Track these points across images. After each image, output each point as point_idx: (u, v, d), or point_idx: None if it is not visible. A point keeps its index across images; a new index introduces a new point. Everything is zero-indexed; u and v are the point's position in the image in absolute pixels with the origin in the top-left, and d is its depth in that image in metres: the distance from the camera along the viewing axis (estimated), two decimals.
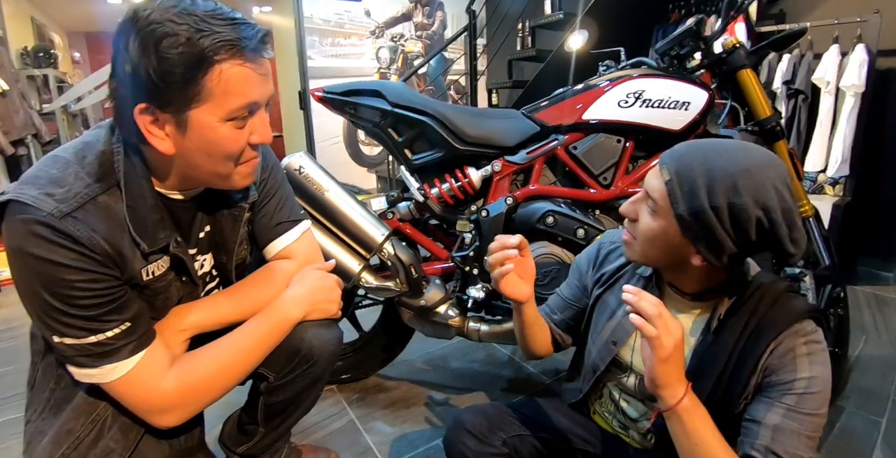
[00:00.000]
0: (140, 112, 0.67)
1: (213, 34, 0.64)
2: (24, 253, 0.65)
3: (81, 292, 0.68)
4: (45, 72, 4.29)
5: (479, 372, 1.75)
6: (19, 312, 2.66)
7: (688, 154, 0.72)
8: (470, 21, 3.86)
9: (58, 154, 0.74)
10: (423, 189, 1.35)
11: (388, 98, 1.36)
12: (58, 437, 0.79)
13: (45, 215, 0.65)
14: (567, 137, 1.35)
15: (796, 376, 0.70)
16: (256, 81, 0.70)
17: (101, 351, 0.71)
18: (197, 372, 0.80)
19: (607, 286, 0.94)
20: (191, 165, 0.74)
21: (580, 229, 1.26)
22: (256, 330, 0.86)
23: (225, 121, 0.70)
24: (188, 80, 0.65)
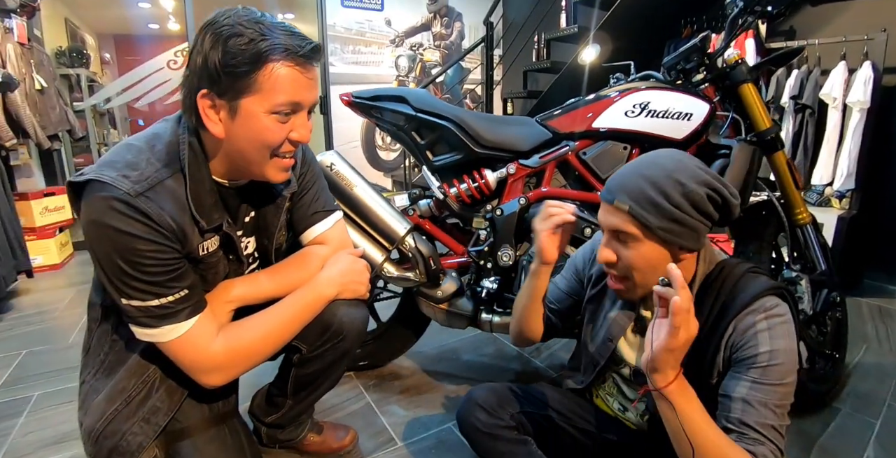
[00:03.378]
0: (201, 97, 0.79)
1: (273, 39, 0.77)
2: (104, 225, 0.76)
3: (150, 260, 0.78)
4: (77, 71, 4.47)
5: (488, 365, 1.84)
6: (50, 297, 2.81)
7: (625, 180, 0.81)
8: (487, 32, 3.98)
9: (131, 142, 0.85)
10: (443, 188, 1.45)
11: (411, 103, 1.47)
12: (111, 395, 0.90)
13: (122, 194, 0.76)
14: (577, 143, 1.44)
15: (758, 351, 0.76)
16: (302, 83, 0.81)
17: (162, 313, 0.81)
18: (243, 338, 0.90)
19: (600, 287, 1.01)
20: (236, 150, 0.84)
21: (587, 228, 1.36)
22: (294, 304, 0.97)
23: (269, 113, 0.80)
24: (244, 73, 0.76)
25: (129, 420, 0.89)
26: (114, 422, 0.88)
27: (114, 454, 0.89)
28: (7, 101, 2.78)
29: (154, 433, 0.91)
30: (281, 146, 0.84)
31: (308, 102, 0.84)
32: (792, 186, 1.49)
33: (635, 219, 0.78)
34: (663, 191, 0.77)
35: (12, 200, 2.80)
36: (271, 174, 0.88)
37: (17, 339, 2.23)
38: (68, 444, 1.44)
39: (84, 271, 3.30)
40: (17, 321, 2.44)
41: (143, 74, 4.11)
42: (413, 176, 4.05)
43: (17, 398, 1.70)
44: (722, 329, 0.81)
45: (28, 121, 2.89)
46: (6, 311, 2.57)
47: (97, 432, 0.88)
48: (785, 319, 0.79)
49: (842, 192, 2.71)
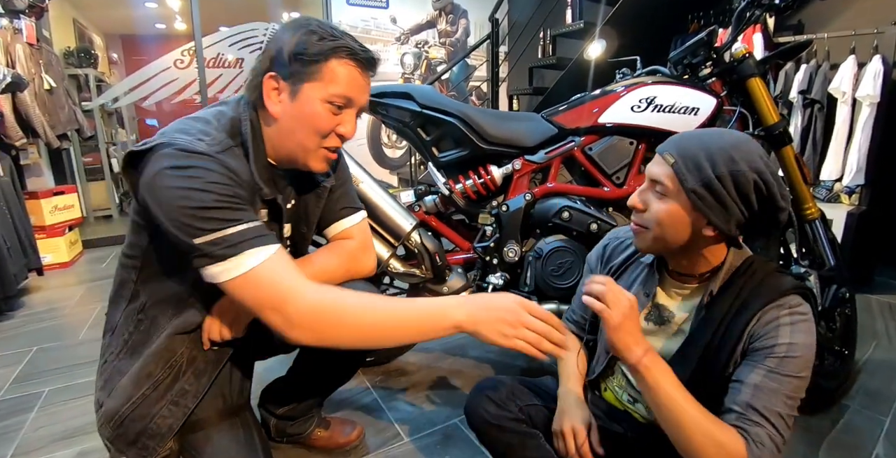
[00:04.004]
0: (268, 78, 0.86)
1: (342, 41, 0.86)
2: (177, 167, 0.77)
3: (225, 189, 0.78)
4: (86, 71, 4.52)
5: (494, 361, 1.84)
6: (60, 294, 2.84)
7: (684, 139, 0.83)
8: (493, 29, 3.96)
9: (197, 116, 0.90)
10: (449, 184, 1.45)
11: (417, 100, 1.47)
12: (138, 379, 0.90)
13: (199, 149, 0.79)
14: (583, 138, 1.44)
15: (778, 342, 0.77)
16: (358, 83, 0.88)
17: (241, 239, 0.77)
18: (342, 300, 0.80)
19: (616, 278, 1.02)
20: (288, 131, 0.89)
21: (594, 224, 1.35)
22: (413, 305, 0.82)
23: (324, 101, 0.86)
24: (312, 61, 0.84)
25: (157, 404, 0.90)
26: (142, 406, 0.89)
27: (142, 438, 0.90)
28: (17, 100, 2.81)
29: (183, 415, 0.92)
30: (328, 137, 0.89)
31: (359, 101, 0.90)
32: (800, 181, 1.48)
33: (675, 174, 0.80)
34: (712, 159, 0.78)
35: (22, 199, 2.83)
36: (314, 163, 0.92)
37: (27, 336, 2.25)
38: (78, 438, 1.45)
39: (93, 269, 3.33)
40: (28, 319, 2.47)
41: (150, 74, 4.14)
42: (419, 173, 4.05)
43: (28, 394, 1.72)
44: (745, 320, 0.81)
45: (37, 120, 2.92)
46: (17, 308, 2.61)
47: (123, 415, 0.89)
48: (807, 318, 0.80)
49: (851, 187, 2.68)
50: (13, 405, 1.67)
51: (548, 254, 1.37)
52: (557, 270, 1.37)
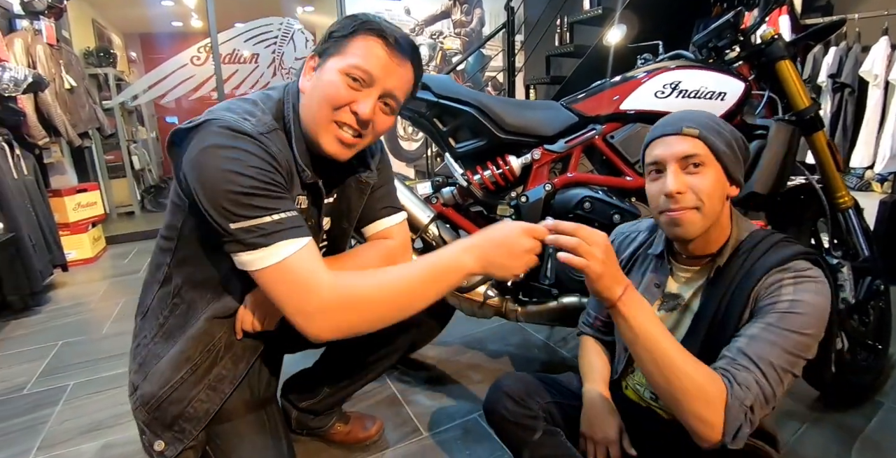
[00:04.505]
0: (310, 58, 0.90)
1: (376, 22, 0.86)
2: (220, 146, 0.77)
3: (265, 176, 0.79)
4: (105, 70, 4.58)
5: (514, 355, 1.82)
6: (84, 290, 2.89)
7: (684, 115, 0.87)
8: (508, 18, 3.90)
9: (245, 97, 0.91)
10: (467, 175, 1.42)
11: (433, 90, 1.44)
12: (177, 363, 0.90)
13: (244, 128, 0.80)
14: (604, 126, 1.40)
15: (779, 299, 0.76)
16: (382, 60, 0.84)
17: (275, 229, 0.77)
18: (357, 284, 0.78)
19: (627, 271, 1.01)
20: (308, 102, 0.88)
21: (616, 215, 1.32)
22: (423, 266, 0.80)
23: (342, 72, 0.84)
24: (340, 37, 0.85)
25: (195, 387, 0.90)
26: (180, 390, 0.89)
27: (179, 421, 0.90)
28: (39, 100, 2.85)
29: (220, 400, 0.92)
30: (340, 110, 0.85)
31: (381, 81, 0.85)
32: (833, 168, 1.42)
33: (705, 142, 0.83)
34: (718, 123, 0.86)
35: (47, 196, 2.89)
36: (325, 139, 0.87)
37: (53, 330, 2.30)
38: (103, 431, 1.47)
39: (116, 265, 3.39)
40: (54, 314, 2.52)
41: (167, 71, 4.18)
42: (435, 166, 4.02)
43: (54, 388, 1.76)
44: (749, 286, 0.81)
45: (59, 119, 2.96)
46: (43, 304, 2.66)
47: (160, 399, 0.89)
48: (816, 280, 0.78)
49: (883, 175, 2.59)
50: (39, 398, 1.70)
51: None
52: None
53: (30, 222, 2.56)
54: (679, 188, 0.83)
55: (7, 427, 1.55)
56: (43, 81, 2.65)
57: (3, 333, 2.33)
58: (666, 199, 0.84)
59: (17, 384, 1.82)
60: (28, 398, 1.72)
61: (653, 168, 0.88)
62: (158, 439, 0.90)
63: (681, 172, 0.84)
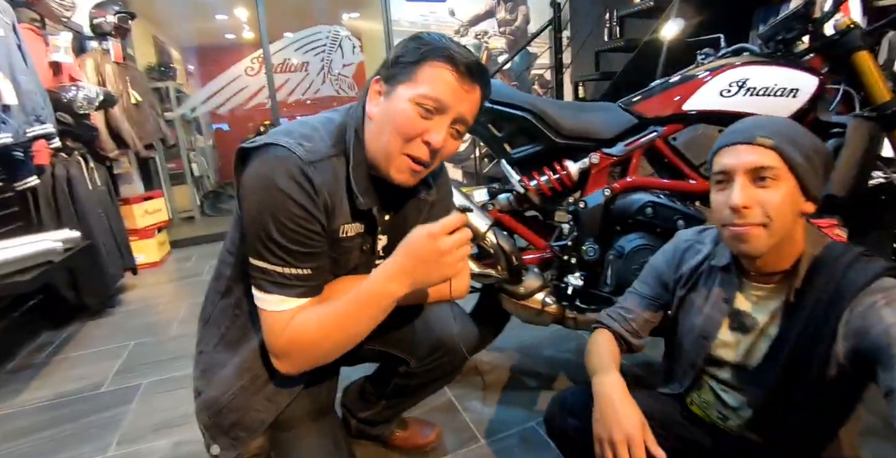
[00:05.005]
0: (374, 82, 0.88)
1: (445, 47, 0.83)
2: (270, 182, 0.81)
3: (295, 225, 0.82)
4: (166, 83, 4.83)
5: (570, 361, 1.78)
6: (152, 292, 3.06)
7: (759, 123, 0.80)
8: (555, 14, 3.84)
9: (305, 121, 0.93)
10: (524, 182, 1.41)
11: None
12: (239, 371, 0.93)
13: (296, 158, 0.82)
14: (666, 128, 1.35)
15: (888, 326, 0.68)
16: (453, 88, 0.83)
17: (281, 282, 0.84)
18: (303, 330, 0.85)
19: (690, 287, 0.95)
20: (377, 131, 0.88)
21: (680, 220, 1.26)
22: (354, 301, 0.85)
23: (413, 102, 0.83)
24: (409, 63, 0.84)
25: (254, 397, 0.93)
26: (240, 397, 0.92)
27: (236, 428, 0.93)
28: (109, 116, 3.04)
29: (276, 411, 0.94)
30: (412, 142, 0.85)
31: (453, 108, 0.84)
32: None
33: (779, 154, 0.77)
34: (798, 131, 0.79)
35: (117, 205, 3.07)
36: (394, 170, 0.87)
37: (126, 331, 2.45)
38: (173, 430, 1.55)
39: (181, 268, 3.56)
40: (126, 315, 2.69)
41: (223, 83, 4.37)
42: (483, 167, 4.01)
43: (128, 387, 1.87)
44: (836, 315, 0.74)
45: (127, 133, 3.14)
46: (116, 305, 2.84)
47: (222, 404, 0.93)
48: None
49: None
50: (116, 396, 1.81)
51: (630, 252, 1.29)
52: (640, 268, 1.29)
53: (103, 230, 2.73)
54: (745, 203, 0.77)
55: (89, 423, 1.66)
56: (112, 98, 2.82)
57: (82, 332, 2.50)
58: (731, 212, 0.78)
59: (95, 382, 1.94)
60: (105, 395, 1.83)
61: (719, 177, 0.82)
62: (215, 443, 0.93)
63: (749, 184, 0.78)
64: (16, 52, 2.07)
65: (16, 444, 1.58)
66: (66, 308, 2.62)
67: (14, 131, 1.93)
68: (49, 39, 2.55)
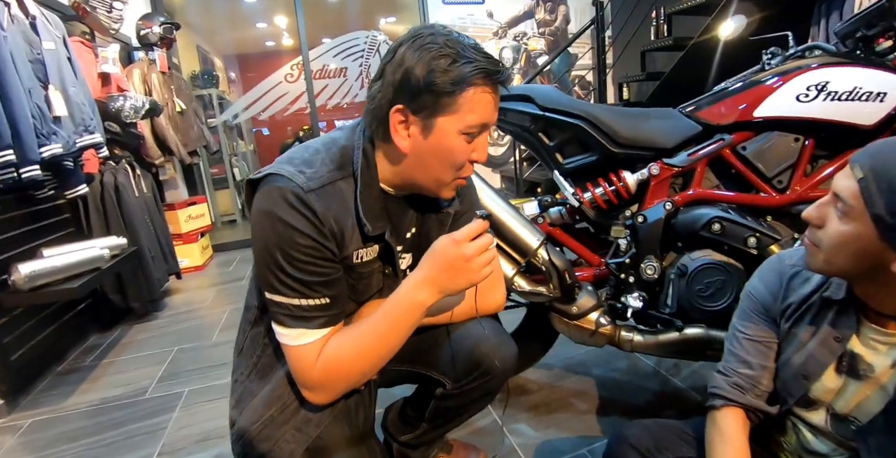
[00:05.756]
0: (395, 111, 0.80)
1: (475, 62, 0.77)
2: (272, 215, 0.78)
3: (305, 257, 0.79)
4: (209, 91, 4.95)
5: (621, 382, 1.69)
6: (196, 296, 3.10)
7: (884, 150, 0.65)
8: (597, 13, 3.73)
9: (309, 144, 0.89)
10: (578, 195, 1.32)
11: (537, 102, 1.35)
12: (269, 400, 0.90)
13: (294, 186, 0.78)
14: (734, 136, 1.24)
15: None
16: (493, 107, 0.81)
17: (299, 314, 0.81)
18: (339, 359, 0.84)
19: (795, 319, 0.83)
20: (421, 166, 0.84)
21: (751, 238, 1.16)
22: (385, 316, 0.84)
23: (461, 133, 0.80)
24: (448, 93, 0.77)
25: (282, 427, 0.89)
26: (269, 427, 0.89)
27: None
28: (154, 124, 3.11)
29: (305, 442, 0.90)
30: (463, 167, 0.84)
31: (492, 123, 0.85)
32: None
33: (861, 193, 0.64)
34: None
35: (162, 211, 3.14)
36: (446, 193, 0.88)
37: (170, 336, 2.49)
38: (214, 442, 1.54)
39: (223, 272, 3.62)
40: (171, 319, 2.73)
41: (263, 90, 4.43)
42: (524, 171, 3.91)
43: (171, 394, 1.89)
44: None
45: (172, 140, 3.21)
46: (161, 309, 2.90)
47: (251, 434, 0.90)
48: None
49: None
50: (159, 403, 1.83)
51: (694, 271, 1.19)
52: (705, 289, 1.19)
53: (149, 236, 2.79)
54: (809, 217, 0.72)
55: (133, 430, 1.68)
56: (158, 107, 2.88)
57: (129, 336, 2.56)
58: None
59: (140, 387, 1.97)
60: (149, 402, 1.85)
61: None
62: None
63: (829, 204, 0.69)
64: (66, 65, 2.12)
65: (61, 450, 1.61)
66: (114, 311, 2.69)
67: (64, 142, 1.97)
68: (98, 51, 2.62)
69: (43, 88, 1.95)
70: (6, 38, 1.73)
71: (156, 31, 3.14)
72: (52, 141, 1.90)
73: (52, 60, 2.02)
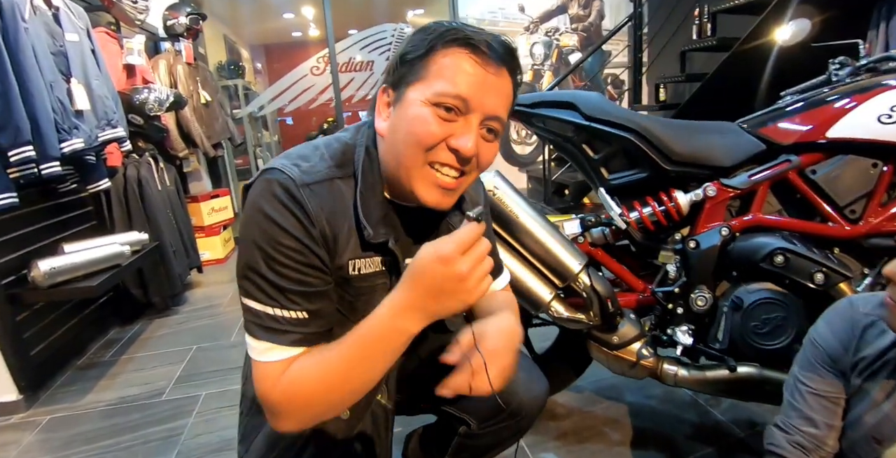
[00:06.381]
0: (381, 92, 0.74)
1: (455, 28, 0.68)
2: (257, 208, 0.69)
3: (287, 259, 0.68)
4: (235, 82, 4.92)
5: (656, 411, 1.58)
6: (216, 291, 3.08)
7: None
8: (635, 9, 3.58)
9: (310, 142, 0.80)
10: (625, 216, 1.21)
11: (582, 110, 1.24)
12: (271, 440, 0.84)
13: (286, 178, 0.69)
14: (803, 158, 1.12)
15: None
16: (476, 77, 0.67)
17: (271, 326, 0.69)
18: (302, 383, 0.71)
19: (869, 374, 0.74)
20: (390, 147, 0.73)
21: (818, 274, 1.04)
22: (356, 345, 0.69)
23: (429, 103, 0.67)
24: (416, 58, 0.68)
25: None
26: None
27: None
28: (179, 116, 3.08)
29: None
30: (435, 149, 0.69)
31: (479, 103, 0.67)
32: None
33: None
34: None
35: (185, 204, 3.11)
36: (420, 188, 0.71)
37: (189, 333, 2.47)
38: (230, 454, 1.49)
39: None
40: (190, 315, 2.72)
41: (289, 82, 4.39)
42: (552, 173, 3.78)
43: (189, 397, 1.86)
44: None
45: (196, 133, 3.18)
46: (181, 303, 2.88)
47: None
48: None
49: None
50: (176, 406, 1.80)
51: (751, 306, 1.09)
52: (762, 326, 1.09)
53: (171, 230, 2.77)
54: (892, 274, 0.63)
55: (149, 434, 1.65)
56: (182, 100, 2.84)
57: (148, 331, 2.55)
58: None
59: (158, 388, 1.95)
60: (166, 404, 1.83)
61: None
62: None
63: None
64: (90, 57, 2.08)
65: (78, 451, 1.59)
66: (135, 305, 2.69)
67: (86, 136, 1.93)
68: (123, 42, 2.58)
69: (65, 81, 1.91)
70: (27, 31, 1.68)
71: (182, 21, 3.10)
72: (74, 136, 1.86)
73: (76, 53, 1.98)
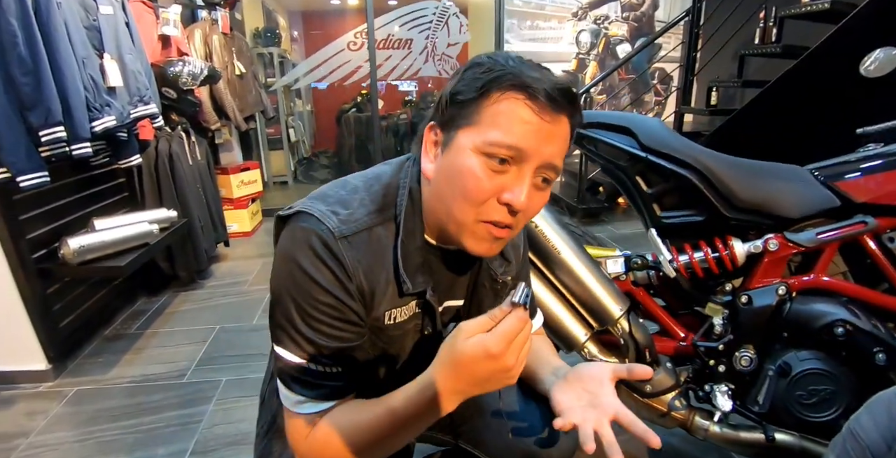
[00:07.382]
0: (428, 129, 0.69)
1: (513, 70, 0.62)
2: (293, 260, 0.66)
3: (320, 314, 0.66)
4: (271, 50, 4.83)
5: (678, 451, 1.53)
6: (242, 267, 3.09)
7: None
8: (694, 4, 3.37)
9: (348, 180, 0.76)
10: (676, 262, 1.13)
11: (640, 139, 1.15)
12: None
13: (324, 230, 0.66)
14: (881, 221, 1.02)
15: None
16: (532, 126, 0.61)
17: (304, 379, 0.69)
18: (328, 444, 0.70)
19: None
20: (437, 195, 0.69)
21: (881, 354, 0.96)
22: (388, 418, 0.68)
23: (479, 152, 0.62)
24: (468, 101, 0.63)
25: None
26: None
27: None
28: (213, 88, 3.04)
29: None
30: (486, 205, 0.64)
31: (535, 154, 0.62)
32: None
33: None
34: None
35: (215, 177, 3.11)
36: (470, 242, 0.68)
37: (213, 311, 2.50)
38: (247, 447, 1.51)
39: (270, 241, 3.61)
40: (215, 291, 2.75)
41: (325, 56, 4.30)
42: (589, 171, 3.66)
43: (209, 381, 1.89)
44: None
45: (229, 106, 3.14)
46: (206, 278, 2.92)
47: None
48: None
49: None
50: (197, 390, 1.84)
51: (799, 375, 1.01)
52: (809, 397, 1.02)
53: (200, 205, 2.77)
54: None
55: (169, 419, 1.69)
56: (217, 74, 2.79)
57: (174, 305, 2.59)
58: None
59: (180, 368, 1.99)
60: (188, 387, 1.86)
61: None
62: None
63: None
64: (123, 31, 2.02)
65: (99, 429, 1.63)
66: (163, 277, 2.73)
67: (118, 114, 1.90)
68: (160, 12, 2.52)
69: (98, 57, 1.87)
70: (60, 5, 1.62)
71: None
72: (105, 114, 1.83)
73: (109, 26, 1.93)
